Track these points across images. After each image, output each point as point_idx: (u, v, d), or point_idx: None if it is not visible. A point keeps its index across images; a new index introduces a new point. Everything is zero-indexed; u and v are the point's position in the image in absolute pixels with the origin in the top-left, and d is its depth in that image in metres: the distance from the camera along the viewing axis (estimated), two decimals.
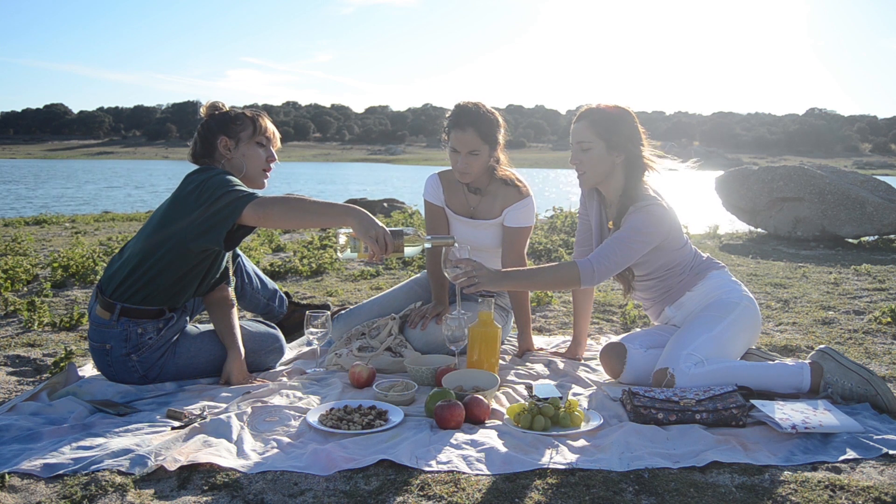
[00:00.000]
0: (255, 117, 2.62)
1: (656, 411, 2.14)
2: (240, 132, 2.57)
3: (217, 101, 2.67)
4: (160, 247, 2.40)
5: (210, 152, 2.57)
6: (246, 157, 2.58)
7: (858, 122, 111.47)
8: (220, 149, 2.56)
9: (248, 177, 2.59)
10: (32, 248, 5.95)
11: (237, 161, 2.57)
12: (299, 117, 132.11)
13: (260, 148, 2.61)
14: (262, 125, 2.62)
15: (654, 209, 2.50)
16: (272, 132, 2.66)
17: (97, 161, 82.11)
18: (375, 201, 12.68)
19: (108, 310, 2.46)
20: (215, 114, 2.62)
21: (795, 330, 3.50)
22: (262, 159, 2.61)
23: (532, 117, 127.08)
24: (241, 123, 2.59)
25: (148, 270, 2.42)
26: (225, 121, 2.59)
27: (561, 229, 7.55)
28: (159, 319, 2.49)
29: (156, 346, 2.49)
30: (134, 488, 1.69)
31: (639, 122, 2.62)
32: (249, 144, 2.58)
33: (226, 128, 2.57)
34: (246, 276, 3.00)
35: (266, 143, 2.63)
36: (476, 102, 2.84)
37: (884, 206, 7.24)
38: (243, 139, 2.58)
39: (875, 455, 1.92)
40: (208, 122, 2.60)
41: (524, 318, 2.98)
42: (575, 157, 2.60)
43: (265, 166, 2.63)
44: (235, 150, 2.57)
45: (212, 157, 2.57)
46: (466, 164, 2.81)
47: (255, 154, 2.60)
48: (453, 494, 1.67)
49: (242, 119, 2.60)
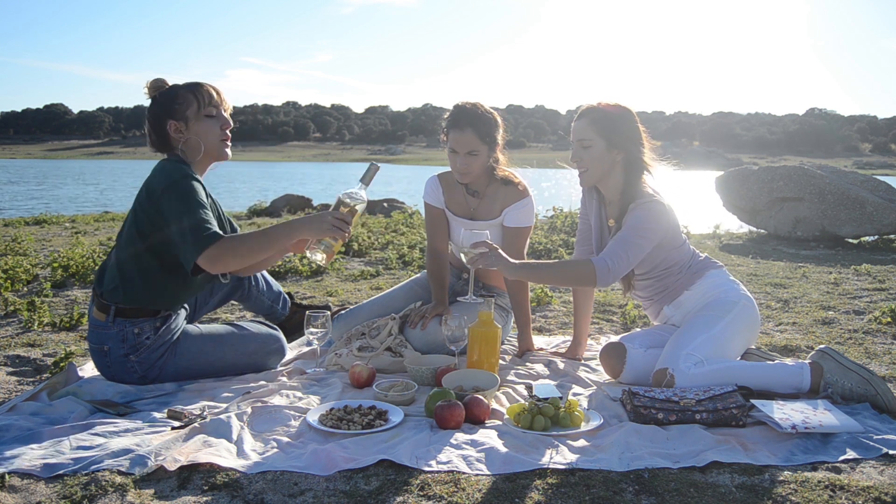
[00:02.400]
0: (195, 90, 2.48)
1: (656, 411, 2.14)
2: (185, 111, 2.45)
3: (159, 79, 2.53)
4: (137, 256, 2.41)
5: (165, 140, 2.48)
6: (199, 134, 2.47)
7: (858, 122, 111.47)
8: (172, 134, 2.46)
9: (209, 153, 2.50)
10: (32, 248, 5.95)
11: (193, 141, 2.46)
12: (299, 117, 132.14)
13: (210, 119, 2.49)
14: (204, 97, 2.48)
15: (654, 206, 2.51)
16: (218, 97, 2.52)
17: (98, 161, 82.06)
18: (375, 201, 12.68)
19: (103, 311, 2.45)
20: (157, 97, 2.49)
21: (795, 330, 3.50)
22: (215, 130, 2.50)
23: (532, 117, 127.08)
24: (184, 101, 2.46)
25: (134, 276, 2.42)
26: (168, 103, 2.46)
27: (561, 229, 7.56)
28: (156, 318, 2.48)
29: (154, 346, 2.48)
30: (134, 488, 1.69)
31: (640, 122, 2.62)
32: (199, 120, 2.46)
33: (171, 110, 2.45)
34: (253, 279, 2.96)
35: (215, 111, 2.50)
36: (474, 103, 2.83)
37: (884, 206, 7.24)
38: (191, 117, 2.46)
39: (875, 455, 1.92)
40: (153, 109, 2.48)
41: (524, 318, 2.98)
42: (575, 154, 2.61)
43: (222, 135, 2.52)
44: (188, 131, 2.46)
45: (168, 145, 2.48)
46: (465, 164, 2.80)
47: (208, 128, 2.48)
48: (453, 494, 1.67)
49: (184, 97, 2.46)
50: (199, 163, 2.50)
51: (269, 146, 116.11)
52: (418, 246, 6.03)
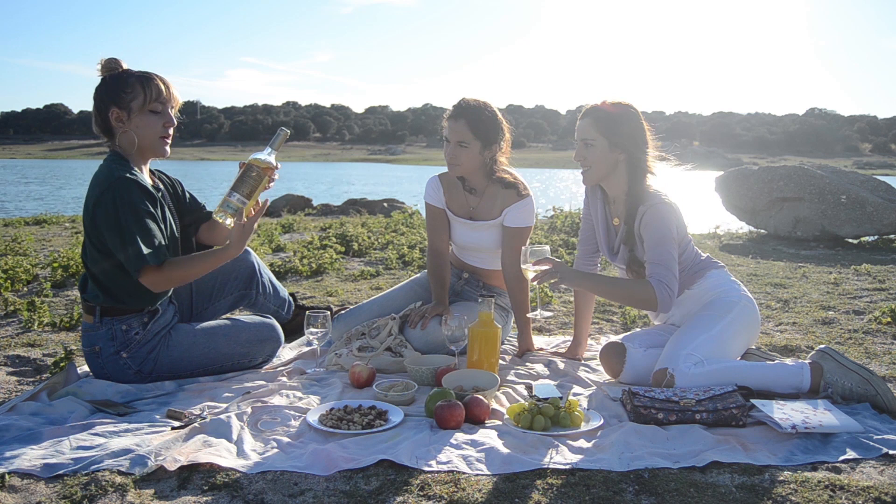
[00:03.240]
0: (145, 83, 2.41)
1: (656, 411, 2.14)
2: (130, 102, 2.39)
3: (114, 60, 2.45)
4: (105, 271, 2.42)
5: (106, 125, 2.43)
6: (139, 127, 2.41)
7: (858, 122, 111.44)
8: (112, 121, 2.41)
9: (143, 148, 2.45)
10: (32, 248, 5.95)
11: (129, 135, 2.41)
12: (299, 117, 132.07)
13: (154, 115, 2.43)
14: (152, 91, 2.42)
15: (662, 208, 2.50)
16: (168, 94, 2.46)
17: (98, 161, 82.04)
18: (375, 201, 12.67)
19: (90, 313, 2.48)
20: (107, 79, 2.43)
21: (795, 330, 3.50)
22: (157, 127, 2.44)
23: (532, 117, 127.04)
24: (131, 92, 2.40)
25: (110, 285, 2.44)
26: (115, 89, 2.40)
27: (561, 229, 7.55)
28: (143, 314, 2.49)
29: (144, 341, 2.48)
30: (134, 488, 1.69)
31: (644, 121, 2.62)
32: (142, 113, 2.41)
33: (116, 97, 2.40)
34: (261, 287, 2.96)
35: (161, 108, 2.44)
36: (482, 100, 2.85)
37: (884, 206, 7.24)
38: (134, 109, 2.40)
39: (875, 455, 1.92)
40: (100, 92, 2.43)
41: (524, 318, 2.98)
42: (579, 153, 2.61)
43: (162, 133, 2.46)
44: (128, 122, 2.41)
45: (109, 132, 2.44)
46: (454, 154, 2.82)
47: (148, 123, 2.42)
48: (453, 494, 1.67)
49: (132, 86, 2.40)
50: (134, 157, 2.47)
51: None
52: (418, 246, 6.03)
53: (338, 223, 8.45)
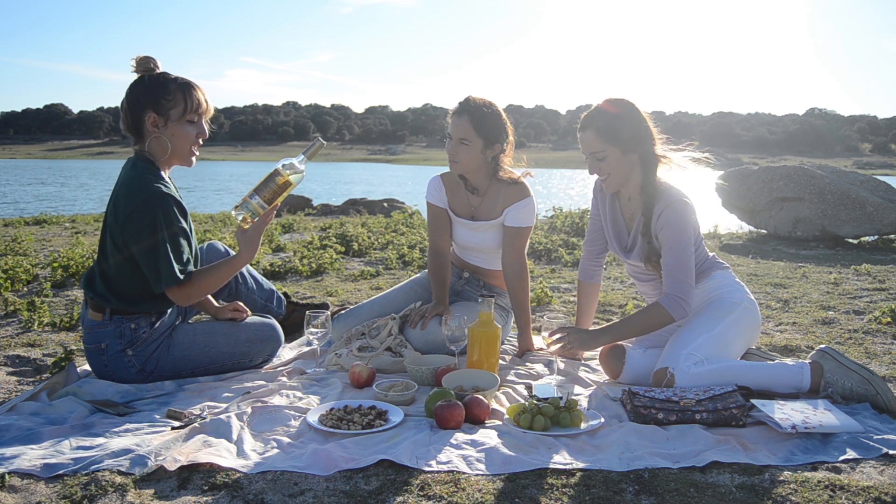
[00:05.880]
0: (187, 92, 2.40)
1: (656, 411, 2.14)
2: (170, 109, 2.38)
3: (150, 59, 2.42)
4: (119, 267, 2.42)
5: (138, 127, 2.40)
6: (175, 136, 2.40)
7: (858, 122, 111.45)
8: (147, 125, 2.38)
9: (175, 155, 2.45)
10: (32, 248, 5.95)
11: (163, 141, 2.39)
12: (299, 117, 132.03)
13: (190, 126, 2.42)
14: (194, 101, 2.41)
15: (679, 207, 2.48)
16: (205, 106, 2.46)
17: (98, 161, 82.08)
18: (375, 201, 12.67)
19: (99, 311, 2.48)
20: (145, 79, 2.40)
21: (795, 330, 3.50)
22: (191, 137, 2.44)
23: (532, 117, 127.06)
24: (172, 100, 2.38)
25: (122, 287, 2.44)
26: (155, 94, 2.37)
27: (561, 229, 7.55)
28: (151, 314, 2.51)
29: (150, 340, 2.50)
30: (134, 488, 1.69)
31: (644, 114, 2.56)
32: (180, 123, 2.40)
33: (155, 102, 2.37)
34: (240, 277, 2.97)
35: (197, 119, 2.44)
36: (488, 100, 2.84)
37: (884, 206, 7.24)
38: (173, 118, 2.39)
39: (875, 455, 1.92)
40: (136, 93, 2.39)
41: (524, 318, 2.98)
42: (593, 167, 2.53)
43: (194, 143, 2.46)
44: (164, 129, 2.39)
45: (140, 134, 2.41)
46: (455, 151, 2.82)
47: (185, 133, 2.42)
48: (453, 494, 1.67)
49: (173, 94, 2.38)
50: (163, 162, 2.46)
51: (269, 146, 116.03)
52: (418, 246, 6.03)
53: (338, 223, 8.46)
